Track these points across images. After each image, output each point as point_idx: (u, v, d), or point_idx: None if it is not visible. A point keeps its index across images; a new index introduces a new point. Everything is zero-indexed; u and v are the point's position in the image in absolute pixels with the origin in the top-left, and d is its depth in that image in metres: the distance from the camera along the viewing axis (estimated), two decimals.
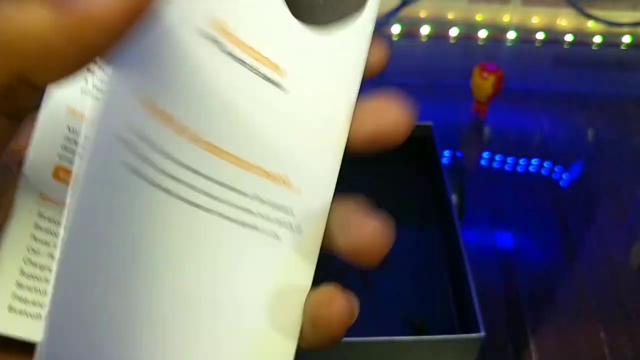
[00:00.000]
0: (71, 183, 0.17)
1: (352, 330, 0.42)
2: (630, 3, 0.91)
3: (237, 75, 0.19)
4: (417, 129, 0.58)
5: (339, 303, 0.22)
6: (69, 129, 0.21)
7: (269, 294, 0.20)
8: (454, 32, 0.88)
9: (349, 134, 0.21)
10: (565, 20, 0.90)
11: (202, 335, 0.19)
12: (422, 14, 0.90)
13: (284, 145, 0.20)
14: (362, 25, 0.21)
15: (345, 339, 0.41)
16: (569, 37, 0.88)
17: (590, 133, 0.74)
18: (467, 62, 0.79)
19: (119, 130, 0.17)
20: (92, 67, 0.17)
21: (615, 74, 0.84)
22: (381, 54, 0.22)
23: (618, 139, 0.73)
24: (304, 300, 0.21)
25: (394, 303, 0.51)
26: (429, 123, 0.58)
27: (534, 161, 0.69)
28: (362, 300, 0.54)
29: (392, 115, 0.21)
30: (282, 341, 0.21)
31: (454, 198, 0.60)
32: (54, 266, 0.17)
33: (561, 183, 0.67)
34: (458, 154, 0.70)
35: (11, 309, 0.20)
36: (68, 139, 0.21)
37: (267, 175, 0.20)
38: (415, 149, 0.59)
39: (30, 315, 0.20)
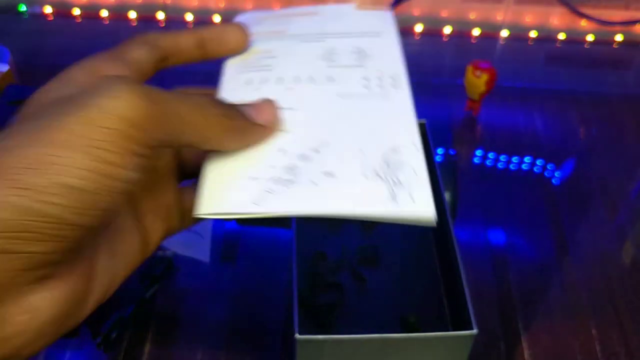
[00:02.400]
0: None
1: (344, 327, 0.42)
2: (623, 2, 0.91)
3: None
4: None
5: None
6: None
7: None
8: (447, 30, 0.88)
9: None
10: (557, 19, 0.91)
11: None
12: (416, 12, 0.90)
13: None
14: None
15: (337, 335, 0.41)
16: (561, 36, 0.88)
17: (582, 131, 0.74)
18: (460, 60, 0.79)
19: None
20: None
21: (608, 72, 0.84)
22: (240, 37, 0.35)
23: (610, 137, 0.73)
24: None
25: (386, 300, 0.51)
26: (422, 121, 0.58)
27: (527, 159, 0.69)
28: (355, 297, 0.54)
29: None
30: None
31: (446, 196, 0.60)
32: None
33: (553, 181, 0.68)
34: (451, 151, 0.70)
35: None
36: None
37: None
38: None
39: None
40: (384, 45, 0.37)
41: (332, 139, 0.30)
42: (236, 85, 0.34)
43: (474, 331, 0.41)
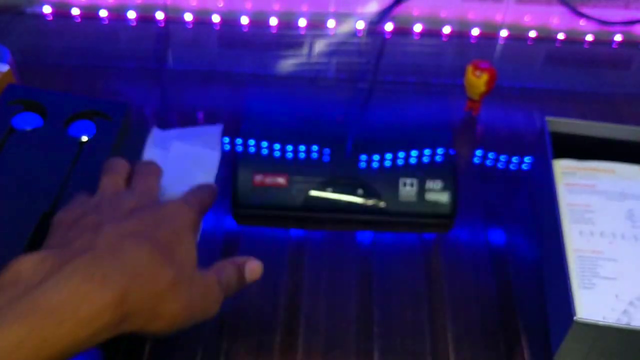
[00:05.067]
0: None
1: None
2: (623, 2, 0.91)
3: None
4: None
5: None
6: None
7: None
8: (446, 30, 0.88)
9: None
10: (557, 19, 0.91)
11: None
12: (416, 12, 0.90)
13: None
14: None
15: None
16: (561, 36, 0.88)
17: None
18: (460, 60, 0.79)
19: None
20: None
21: (608, 72, 0.84)
22: None
23: None
24: None
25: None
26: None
27: (527, 159, 0.69)
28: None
29: None
30: None
31: (448, 196, 0.60)
32: None
33: None
34: (451, 151, 0.70)
35: None
36: None
37: None
38: None
39: None
40: None
41: None
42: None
43: None
